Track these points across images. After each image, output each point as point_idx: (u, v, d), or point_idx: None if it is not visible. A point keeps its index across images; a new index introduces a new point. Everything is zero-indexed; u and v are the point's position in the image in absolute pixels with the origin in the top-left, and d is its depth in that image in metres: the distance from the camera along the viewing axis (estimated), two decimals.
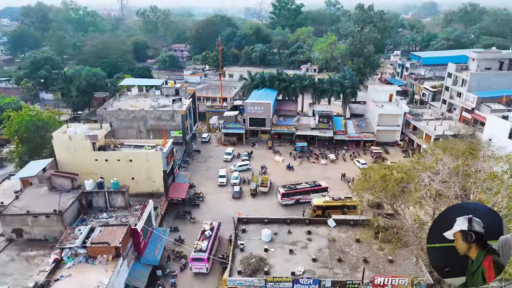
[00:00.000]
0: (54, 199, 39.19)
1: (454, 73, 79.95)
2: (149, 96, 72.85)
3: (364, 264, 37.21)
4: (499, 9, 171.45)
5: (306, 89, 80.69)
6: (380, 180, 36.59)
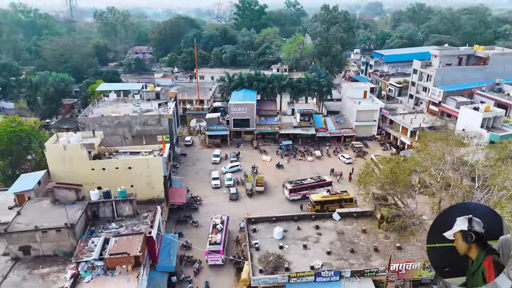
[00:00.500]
0: (60, 212, 37.53)
1: (420, 69, 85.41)
2: (129, 101, 70.93)
3: (375, 252, 39.42)
4: (444, 8, 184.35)
5: (285, 89, 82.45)
6: (390, 173, 38.83)
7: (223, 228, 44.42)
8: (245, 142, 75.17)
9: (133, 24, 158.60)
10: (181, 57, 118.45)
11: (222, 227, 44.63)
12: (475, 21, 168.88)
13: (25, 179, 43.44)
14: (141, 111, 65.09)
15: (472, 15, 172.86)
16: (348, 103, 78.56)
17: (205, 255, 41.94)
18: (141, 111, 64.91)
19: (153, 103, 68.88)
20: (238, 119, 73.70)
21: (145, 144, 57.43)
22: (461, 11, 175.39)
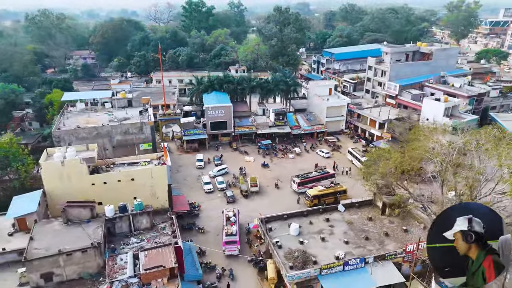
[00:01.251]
0: (76, 232, 35.36)
1: (374, 66, 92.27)
2: (99, 110, 67.22)
3: (386, 237, 42.73)
4: (376, 9, 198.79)
5: (254, 90, 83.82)
6: (397, 164, 42.19)
7: (236, 220, 46.97)
8: (223, 144, 75.29)
9: (70, 27, 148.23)
10: (134, 61, 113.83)
11: (235, 219, 47.19)
12: (402, 20, 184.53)
13: (21, 202, 39.75)
14: (117, 119, 62.21)
15: (398, 14, 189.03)
16: (316, 100, 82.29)
17: (223, 246, 44.26)
18: (117, 120, 62.05)
19: (128, 111, 66.15)
20: (215, 122, 73.57)
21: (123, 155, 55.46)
22: (386, 11, 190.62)
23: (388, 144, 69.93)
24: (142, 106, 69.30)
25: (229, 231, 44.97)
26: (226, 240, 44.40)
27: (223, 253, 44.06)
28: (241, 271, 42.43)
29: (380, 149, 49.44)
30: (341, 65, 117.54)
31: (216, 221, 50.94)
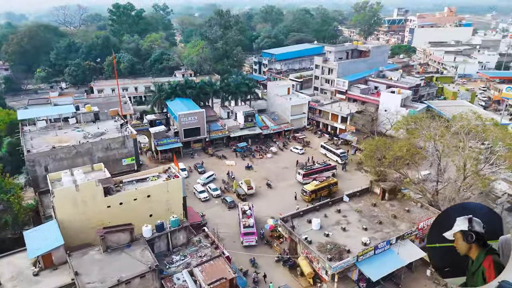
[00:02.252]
0: (122, 258, 33.12)
1: (322, 64, 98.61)
2: (64, 127, 61.24)
3: (395, 219, 47.39)
4: (296, 9, 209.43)
5: (217, 93, 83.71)
6: (404, 151, 46.92)
7: (252, 213, 50.43)
8: (196, 151, 74.13)
9: None
10: (69, 70, 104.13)
11: (251, 212, 50.65)
12: (318, 20, 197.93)
13: (38, 236, 35.24)
14: (93, 135, 57.59)
15: (313, 15, 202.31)
16: (278, 100, 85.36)
17: (241, 237, 47.46)
18: (92, 136, 57.45)
19: (101, 125, 61.63)
20: (188, 129, 72.08)
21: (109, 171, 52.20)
22: (301, 11, 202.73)
23: (353, 135, 76.35)
24: (112, 119, 65.01)
25: (246, 223, 48.15)
26: (244, 232, 47.38)
27: (241, 243, 46.95)
28: (273, 272, 43.41)
29: (380, 139, 53.99)
30: (282, 65, 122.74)
31: (225, 228, 50.73)
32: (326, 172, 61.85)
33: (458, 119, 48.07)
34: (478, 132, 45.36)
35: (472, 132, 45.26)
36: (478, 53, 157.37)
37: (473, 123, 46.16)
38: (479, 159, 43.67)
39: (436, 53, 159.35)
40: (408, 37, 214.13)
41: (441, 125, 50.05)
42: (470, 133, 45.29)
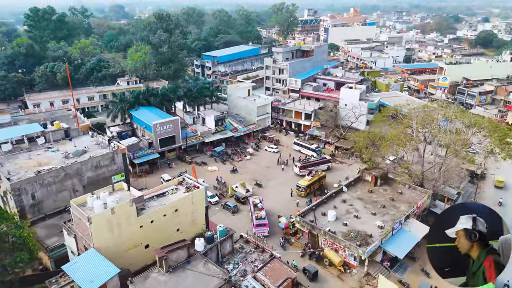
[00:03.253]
0: (189, 275, 32.27)
1: (272, 65, 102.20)
2: (34, 148, 54.79)
3: (393, 201, 52.63)
4: (218, 10, 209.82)
5: (181, 99, 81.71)
6: (397, 140, 52.12)
7: (263, 206, 53.43)
8: (173, 160, 71.87)
9: None
10: None
11: (262, 205, 53.64)
12: (242, 21, 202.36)
13: (83, 269, 31.90)
14: (74, 154, 52.71)
15: (237, 16, 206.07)
16: (242, 102, 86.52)
17: (254, 229, 49.91)
18: (74, 154, 52.60)
19: (78, 142, 56.49)
20: (163, 138, 69.48)
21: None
22: (220, 12, 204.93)
23: (318, 130, 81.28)
24: (84, 134, 59.92)
25: (258, 215, 51.19)
26: (257, 223, 50.14)
27: (254, 234, 48.41)
28: (303, 266, 45.16)
29: (370, 132, 58.85)
30: (226, 67, 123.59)
31: (238, 231, 50.93)
32: (322, 165, 65.47)
33: (438, 108, 55.35)
34: (457, 117, 52.94)
35: (455, 119, 52.60)
36: (387, 48, 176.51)
37: (452, 112, 53.64)
38: (461, 140, 51.00)
39: (354, 50, 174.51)
40: (324, 36, 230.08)
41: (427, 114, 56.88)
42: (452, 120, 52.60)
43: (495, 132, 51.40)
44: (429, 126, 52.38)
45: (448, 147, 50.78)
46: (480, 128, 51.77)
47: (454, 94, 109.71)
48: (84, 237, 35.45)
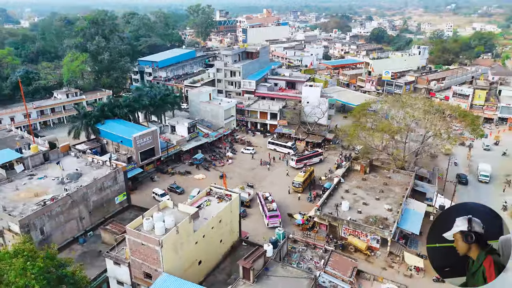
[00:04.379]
0: (276, 281, 32.52)
1: (224, 68, 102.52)
2: (17, 177, 47.87)
3: (387, 186, 58.31)
4: (128, 14, 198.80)
5: (146, 108, 77.62)
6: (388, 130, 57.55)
7: (273, 199, 57.09)
8: (151, 173, 68.36)
9: None
10: None
11: (272, 198, 57.22)
12: (162, 24, 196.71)
13: None
14: (69, 178, 47.60)
15: (155, 19, 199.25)
16: (207, 106, 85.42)
17: (267, 220, 53.13)
18: (69, 179, 47.52)
19: (63, 165, 50.72)
20: (143, 151, 65.68)
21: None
22: (126, 15, 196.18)
23: (287, 128, 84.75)
24: (61, 156, 54.01)
25: (270, 207, 54.60)
26: (270, 215, 53.25)
27: (267, 225, 52.52)
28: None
29: (358, 125, 63.58)
30: (167, 72, 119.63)
31: (257, 232, 51.70)
32: (315, 158, 69.12)
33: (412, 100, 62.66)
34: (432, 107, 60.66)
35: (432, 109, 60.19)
36: (305, 47, 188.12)
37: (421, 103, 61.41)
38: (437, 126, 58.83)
39: (277, 50, 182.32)
40: (242, 37, 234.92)
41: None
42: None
43: (466, 117, 60.65)
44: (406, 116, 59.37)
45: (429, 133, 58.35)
46: (452, 115, 60.38)
47: (382, 86, 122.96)
48: (148, 262, 33.02)
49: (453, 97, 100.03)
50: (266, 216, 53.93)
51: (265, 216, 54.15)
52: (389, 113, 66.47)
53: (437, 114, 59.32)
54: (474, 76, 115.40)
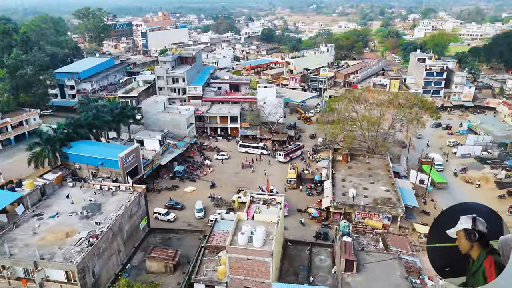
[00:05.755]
0: (370, 267, 35.52)
1: (165, 75, 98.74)
2: (20, 223, 40.55)
3: (372, 171, 65.54)
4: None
5: (108, 125, 70.98)
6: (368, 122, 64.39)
7: (277, 191, 60.76)
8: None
9: None
10: None
11: (277, 190, 60.60)
12: (52, 30, 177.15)
13: None
14: (92, 209, 42.59)
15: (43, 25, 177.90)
16: (165, 116, 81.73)
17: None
18: (89, 211, 42.56)
19: (60, 200, 44.67)
20: (129, 171, 60.64)
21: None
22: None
23: (250, 130, 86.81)
24: (58, 187, 47.40)
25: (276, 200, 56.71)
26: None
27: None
28: None
29: (339, 120, 68.89)
30: (92, 83, 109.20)
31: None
32: (298, 151, 75.38)
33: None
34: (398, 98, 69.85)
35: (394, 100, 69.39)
36: (213, 50, 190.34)
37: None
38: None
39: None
40: (142, 41, 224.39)
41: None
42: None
43: (424, 104, 71.69)
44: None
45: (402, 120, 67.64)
46: (413, 103, 70.61)
47: (306, 82, 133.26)
48: (253, 277, 32.68)
49: (373, 87, 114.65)
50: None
51: None
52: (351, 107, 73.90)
53: (407, 103, 69.11)
54: (384, 68, 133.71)
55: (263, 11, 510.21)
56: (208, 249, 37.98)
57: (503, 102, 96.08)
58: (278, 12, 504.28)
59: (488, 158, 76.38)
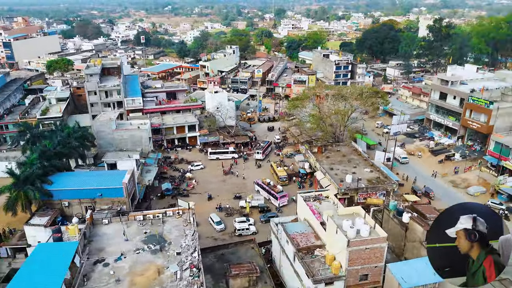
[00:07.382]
0: None
1: (97, 89, 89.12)
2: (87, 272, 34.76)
3: (349, 156, 73.13)
4: None
5: (76, 151, 62.04)
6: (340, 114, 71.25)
7: (275, 184, 65.66)
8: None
9: None
10: None
11: (273, 183, 65.32)
12: None
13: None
14: (154, 243, 39.15)
15: None
16: (124, 134, 74.76)
17: (278, 200, 61.37)
18: (155, 244, 39.19)
19: (116, 234, 39.76)
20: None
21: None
22: None
23: (212, 136, 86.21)
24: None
25: (278, 190, 62.95)
26: (280, 195, 61.79)
27: (278, 205, 61.42)
28: None
29: (315, 115, 73.56)
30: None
31: None
32: (269, 147, 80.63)
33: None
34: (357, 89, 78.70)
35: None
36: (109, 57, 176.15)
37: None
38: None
39: (76, 63, 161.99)
40: (6, 52, 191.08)
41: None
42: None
43: (380, 94, 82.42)
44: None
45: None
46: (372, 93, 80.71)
47: (225, 84, 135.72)
48: (369, 264, 35.64)
49: (294, 83, 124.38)
50: (277, 197, 61.47)
51: (277, 198, 61.60)
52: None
53: (364, 94, 78.73)
54: (297, 66, 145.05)
55: (115, 13, 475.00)
56: (301, 251, 38.97)
57: (403, 86, 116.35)
58: (133, 14, 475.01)
59: (413, 133, 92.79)
